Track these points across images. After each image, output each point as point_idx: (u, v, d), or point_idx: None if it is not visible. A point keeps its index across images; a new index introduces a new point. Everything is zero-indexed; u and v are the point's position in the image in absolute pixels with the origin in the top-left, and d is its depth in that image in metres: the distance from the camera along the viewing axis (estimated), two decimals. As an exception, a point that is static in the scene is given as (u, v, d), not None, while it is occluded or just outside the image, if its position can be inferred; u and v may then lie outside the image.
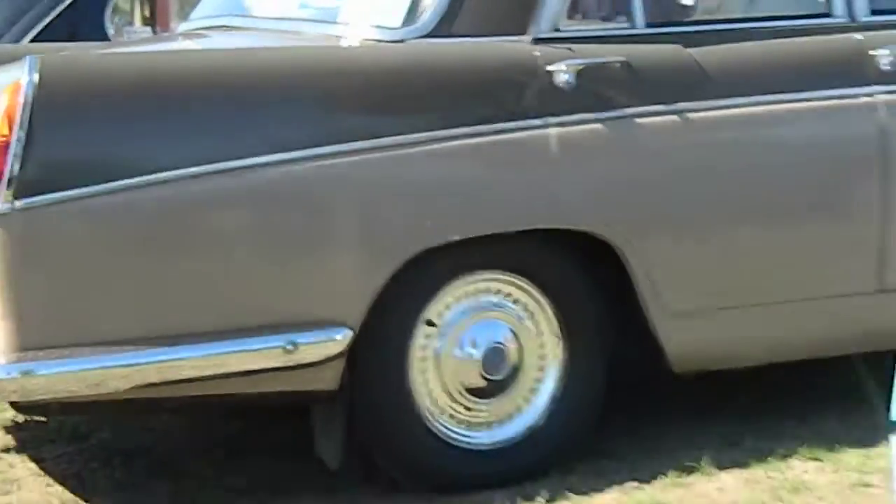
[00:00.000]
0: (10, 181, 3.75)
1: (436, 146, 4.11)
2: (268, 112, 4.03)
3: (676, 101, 4.40)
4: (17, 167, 3.75)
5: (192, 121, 4.00)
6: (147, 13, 8.36)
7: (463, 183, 4.19)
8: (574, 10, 4.55)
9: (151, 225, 3.90)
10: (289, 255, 3.99)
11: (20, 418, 5.05)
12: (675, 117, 4.39)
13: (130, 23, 8.15)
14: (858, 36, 4.67)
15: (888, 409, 2.97)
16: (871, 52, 4.63)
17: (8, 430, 5.07)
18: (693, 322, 4.43)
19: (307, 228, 4.01)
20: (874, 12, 4.75)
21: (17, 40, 6.81)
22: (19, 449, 4.90)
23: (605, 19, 4.66)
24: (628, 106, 4.35)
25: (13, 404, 4.29)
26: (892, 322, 4.66)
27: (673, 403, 4.95)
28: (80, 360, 3.83)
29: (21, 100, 3.78)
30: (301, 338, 3.98)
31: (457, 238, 4.14)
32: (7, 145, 3.76)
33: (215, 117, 4.02)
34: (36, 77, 3.79)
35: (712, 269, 4.45)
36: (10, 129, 3.77)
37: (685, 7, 5.03)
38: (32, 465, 4.72)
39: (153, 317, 3.91)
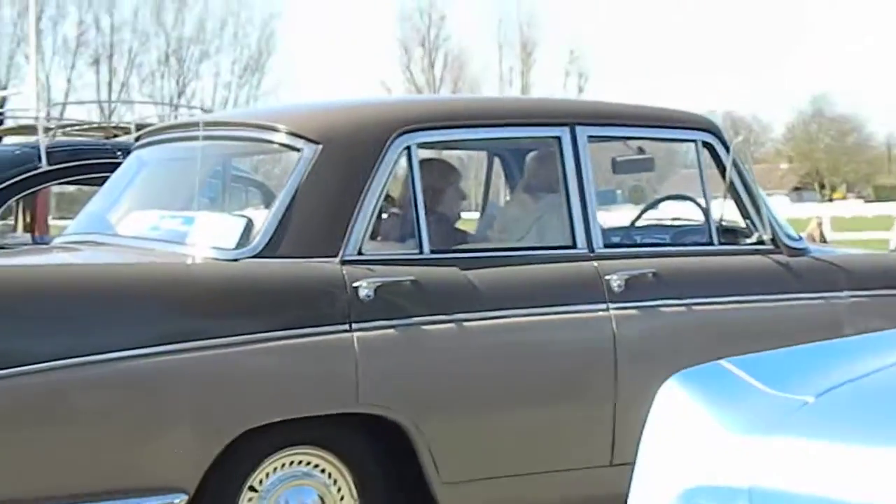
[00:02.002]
0: None
1: (259, 345, 4.11)
2: (122, 316, 4.01)
3: (454, 312, 4.45)
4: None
5: (57, 322, 3.96)
6: (28, 220, 8.25)
7: (281, 375, 4.19)
8: (374, 237, 4.60)
9: (21, 407, 3.83)
10: (135, 433, 3.95)
11: None
12: (452, 325, 4.44)
13: (13, 230, 8.02)
14: (595, 263, 4.78)
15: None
16: (605, 277, 4.75)
17: None
18: (462, 489, 4.44)
19: (151, 412, 3.97)
20: (606, 245, 4.87)
21: (-85, 246, 6.64)
22: None
23: (399, 245, 4.72)
24: (416, 315, 4.38)
25: None
26: (622, 489, 4.74)
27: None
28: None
29: (-82, 302, 3.73)
30: (145, 501, 3.92)
31: (275, 419, 4.14)
32: None
33: (76, 319, 3.98)
34: (-67, 284, 3.75)
35: (477, 448, 4.48)
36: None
37: (462, 237, 5.19)
38: None
39: (22, 484, 3.83)
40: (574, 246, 4.82)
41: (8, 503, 3.79)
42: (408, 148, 4.58)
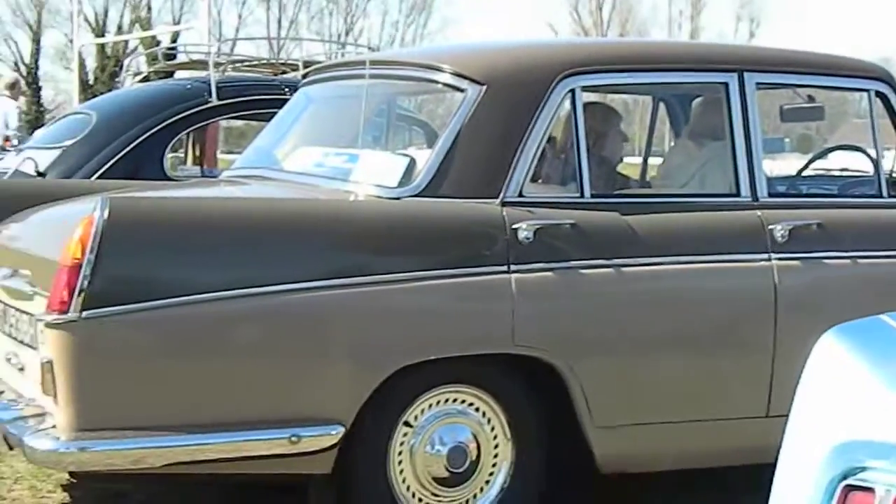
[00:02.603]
0: (79, 295, 3.80)
1: (418, 284, 4.14)
2: (285, 250, 4.07)
3: (614, 257, 4.43)
4: (85, 284, 3.80)
5: (225, 254, 4.04)
6: (197, 154, 8.45)
7: (439, 313, 4.23)
8: (535, 180, 4.59)
9: (188, 335, 3.93)
10: (296, 365, 4.02)
11: (75, 480, 5.05)
12: (612, 270, 4.41)
13: (183, 162, 8.22)
14: (759, 212, 4.72)
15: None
16: (769, 226, 4.69)
17: (64, 488, 5.08)
18: (615, 433, 4.44)
19: (312, 345, 4.04)
20: (771, 194, 4.81)
21: (89, 176, 6.86)
22: (72, 505, 4.92)
23: (560, 188, 4.71)
24: (575, 258, 4.37)
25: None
26: (776, 441, 4.69)
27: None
28: (124, 441, 3.86)
29: (93, 230, 3.82)
30: (303, 431, 4.00)
31: (431, 357, 4.19)
32: (79, 266, 3.81)
33: (243, 251, 4.05)
34: (106, 213, 3.84)
35: (632, 393, 4.46)
36: (83, 253, 3.81)
37: (624, 182, 5.17)
38: (82, 520, 4.77)
39: (186, 409, 3.94)
40: (738, 194, 4.76)
41: (171, 429, 3.91)
42: (572, 91, 4.56)
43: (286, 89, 7.15)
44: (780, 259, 4.68)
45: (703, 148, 5.13)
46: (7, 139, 11.17)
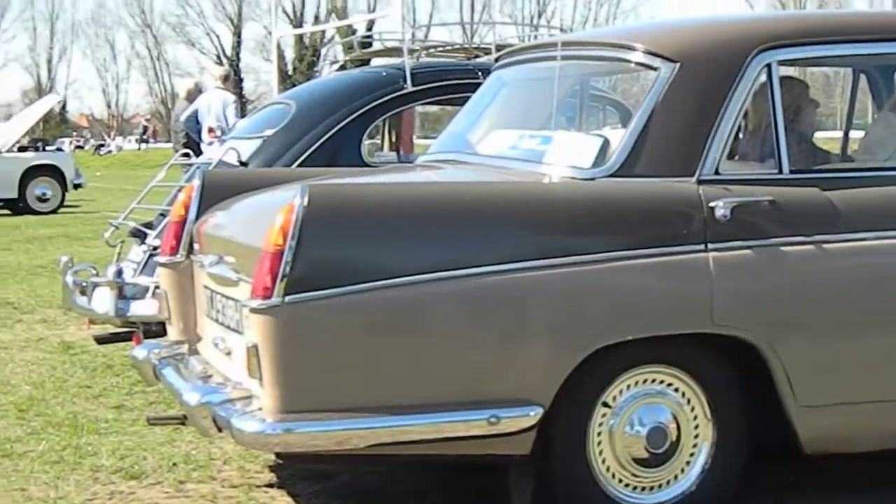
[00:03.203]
0: (282, 281, 3.88)
1: (615, 264, 4.12)
2: (481, 233, 4.08)
3: (815, 234, 4.33)
4: (287, 270, 3.87)
5: (423, 237, 4.07)
6: (393, 139, 8.54)
7: (636, 293, 4.18)
8: (731, 157, 4.51)
9: (389, 318, 3.98)
10: (495, 346, 4.02)
11: (282, 461, 5.15)
12: (812, 247, 4.32)
13: (380, 148, 8.32)
14: (968, 189, 4.53)
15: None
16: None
17: (271, 468, 5.21)
18: (819, 413, 4.34)
19: (510, 326, 4.03)
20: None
21: (290, 164, 7.00)
22: (279, 485, 5.01)
23: (757, 165, 4.62)
24: (774, 236, 4.29)
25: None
26: None
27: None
28: (328, 423, 3.93)
29: (293, 217, 3.90)
30: (502, 413, 4.01)
31: (629, 338, 4.16)
32: (281, 253, 3.89)
33: (441, 235, 4.08)
34: (306, 200, 3.91)
35: (837, 372, 4.35)
36: (285, 240, 3.89)
37: (823, 157, 5.03)
38: (289, 500, 4.83)
39: (387, 391, 3.98)
40: (944, 168, 4.60)
41: (373, 410, 3.96)
42: (768, 65, 4.46)
43: (479, 73, 7.18)
44: None
45: (907, 120, 4.97)
46: (211, 130, 11.48)
